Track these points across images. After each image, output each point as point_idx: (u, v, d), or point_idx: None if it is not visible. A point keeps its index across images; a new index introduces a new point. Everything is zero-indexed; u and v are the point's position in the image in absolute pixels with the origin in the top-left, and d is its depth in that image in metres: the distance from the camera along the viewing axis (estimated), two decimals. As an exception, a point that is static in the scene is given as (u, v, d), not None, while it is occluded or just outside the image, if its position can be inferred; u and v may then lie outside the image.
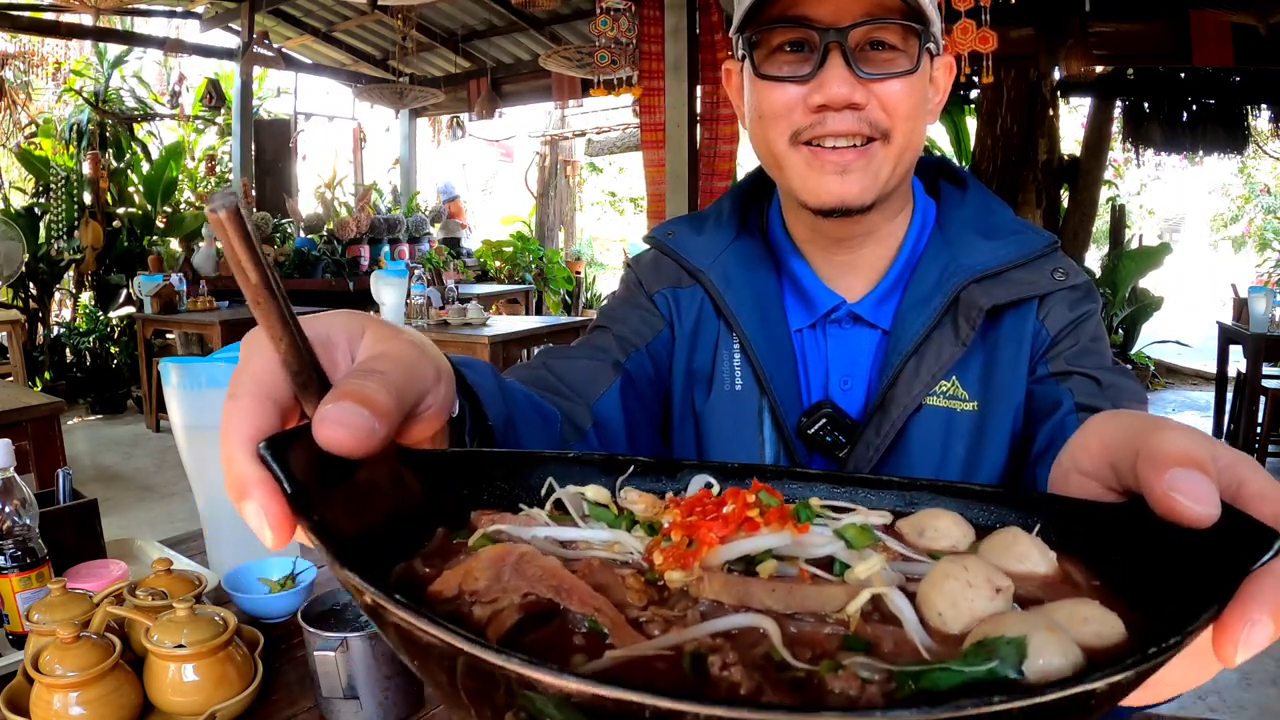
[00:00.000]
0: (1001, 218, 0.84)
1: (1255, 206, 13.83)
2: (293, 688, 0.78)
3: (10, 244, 5.86)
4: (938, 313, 0.79)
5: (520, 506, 0.39)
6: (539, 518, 0.37)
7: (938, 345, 0.79)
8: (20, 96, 8.20)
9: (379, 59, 7.91)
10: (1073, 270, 0.81)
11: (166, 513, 3.90)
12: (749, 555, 0.32)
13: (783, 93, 0.73)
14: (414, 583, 0.32)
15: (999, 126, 6.15)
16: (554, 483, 0.40)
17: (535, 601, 0.29)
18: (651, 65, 4.40)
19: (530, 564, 0.31)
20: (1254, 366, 4.39)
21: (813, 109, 0.72)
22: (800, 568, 0.32)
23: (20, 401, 2.31)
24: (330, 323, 0.39)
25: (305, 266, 6.44)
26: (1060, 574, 0.33)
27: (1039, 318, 0.80)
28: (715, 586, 0.30)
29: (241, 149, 6.91)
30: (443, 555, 0.34)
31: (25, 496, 0.87)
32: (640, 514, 0.37)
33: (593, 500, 0.38)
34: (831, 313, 0.84)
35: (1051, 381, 0.79)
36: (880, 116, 0.72)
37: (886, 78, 0.71)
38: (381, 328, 0.40)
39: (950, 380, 0.80)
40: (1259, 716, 2.24)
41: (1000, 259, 0.79)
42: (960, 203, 0.85)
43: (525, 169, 10.86)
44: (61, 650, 0.67)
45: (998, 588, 0.29)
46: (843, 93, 0.70)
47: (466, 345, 3.61)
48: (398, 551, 0.34)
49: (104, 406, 6.03)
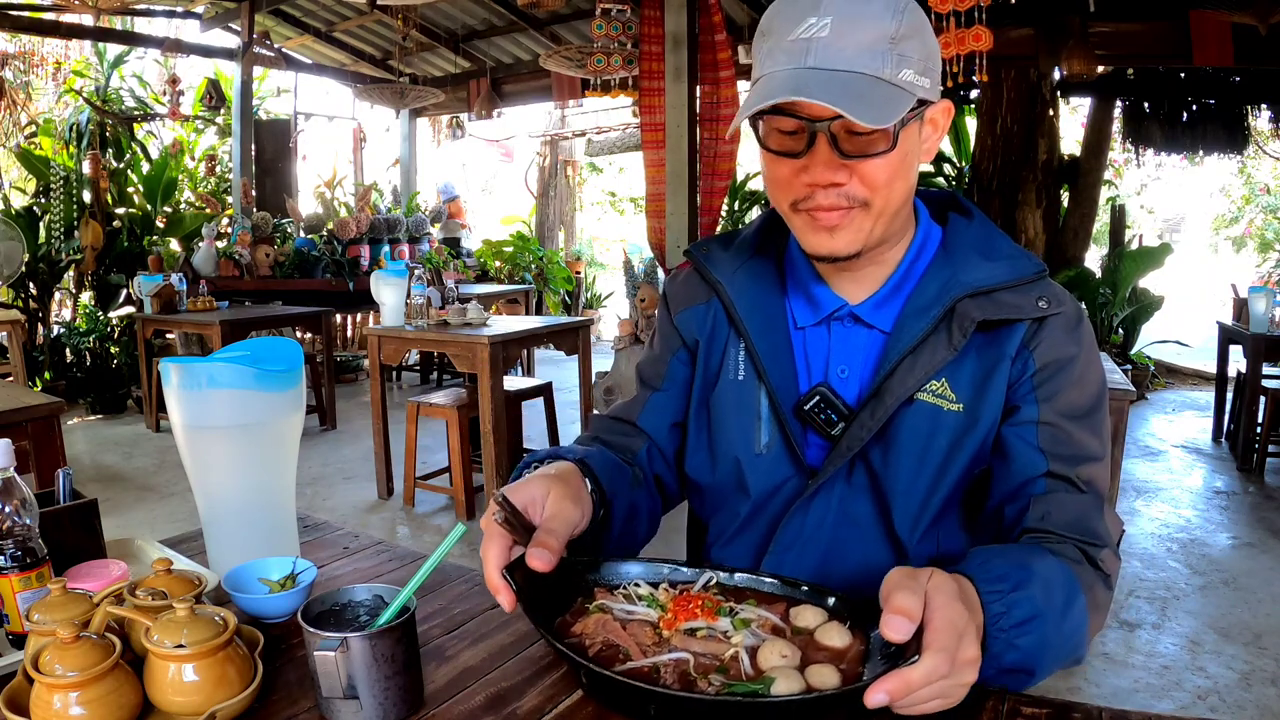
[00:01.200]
0: (1001, 244, 0.95)
1: (1255, 207, 13.82)
2: (293, 688, 0.79)
3: (10, 244, 5.86)
4: (936, 319, 0.90)
5: (620, 585, 0.77)
6: (619, 598, 0.74)
7: (932, 348, 0.90)
8: (20, 96, 8.19)
9: (379, 59, 7.91)
10: (1058, 300, 0.91)
11: (166, 513, 3.90)
12: (693, 626, 0.70)
13: (782, 166, 0.87)
14: (564, 628, 0.70)
15: (999, 126, 6.15)
16: (630, 579, 0.78)
17: (607, 642, 0.68)
18: (651, 65, 4.39)
19: (608, 625, 0.69)
20: (1254, 366, 4.39)
21: (804, 184, 0.86)
22: (715, 633, 0.68)
23: (20, 401, 2.31)
24: (530, 493, 0.80)
25: (305, 266, 6.44)
26: (852, 645, 0.67)
27: (1029, 346, 0.90)
28: (677, 639, 0.68)
29: (241, 149, 6.90)
30: (577, 614, 0.72)
31: (25, 496, 0.87)
32: (660, 599, 0.73)
33: (645, 592, 0.76)
34: (835, 312, 0.97)
35: (1031, 429, 0.89)
36: (859, 190, 0.85)
37: (864, 158, 0.83)
38: (557, 492, 0.80)
39: (941, 381, 0.91)
40: (1259, 716, 2.24)
41: (993, 279, 0.90)
42: (965, 228, 0.97)
43: (525, 169, 10.87)
44: (61, 650, 0.67)
45: (784, 654, 0.64)
46: (825, 175, 0.84)
47: (466, 345, 3.61)
48: (560, 609, 0.73)
49: (104, 406, 6.03)
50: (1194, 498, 4.13)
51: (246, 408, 0.97)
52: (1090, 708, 0.73)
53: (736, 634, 0.66)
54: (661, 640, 0.66)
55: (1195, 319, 9.22)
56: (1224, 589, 3.06)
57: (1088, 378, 0.91)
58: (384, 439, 4.04)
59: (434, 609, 0.96)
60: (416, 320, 3.89)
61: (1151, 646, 2.62)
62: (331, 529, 1.25)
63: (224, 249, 6.33)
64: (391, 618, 0.73)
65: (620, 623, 0.68)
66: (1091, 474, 0.89)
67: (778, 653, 0.63)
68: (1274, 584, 3.09)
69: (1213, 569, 3.23)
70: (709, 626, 0.67)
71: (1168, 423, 5.75)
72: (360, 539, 1.20)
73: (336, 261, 6.53)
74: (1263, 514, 3.88)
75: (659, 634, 0.67)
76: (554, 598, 0.71)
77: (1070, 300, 0.92)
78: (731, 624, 0.67)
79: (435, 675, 0.81)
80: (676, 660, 0.63)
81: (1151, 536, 3.59)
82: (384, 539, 1.21)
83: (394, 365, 6.41)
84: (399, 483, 4.08)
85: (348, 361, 7.42)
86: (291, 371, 1.00)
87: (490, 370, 3.52)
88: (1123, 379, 2.61)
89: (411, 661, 0.74)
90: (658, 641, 0.66)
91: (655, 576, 0.77)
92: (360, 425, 5.54)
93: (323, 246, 6.64)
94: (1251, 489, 4.25)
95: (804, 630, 0.68)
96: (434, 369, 7.32)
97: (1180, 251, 9.08)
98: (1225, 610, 2.88)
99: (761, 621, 0.69)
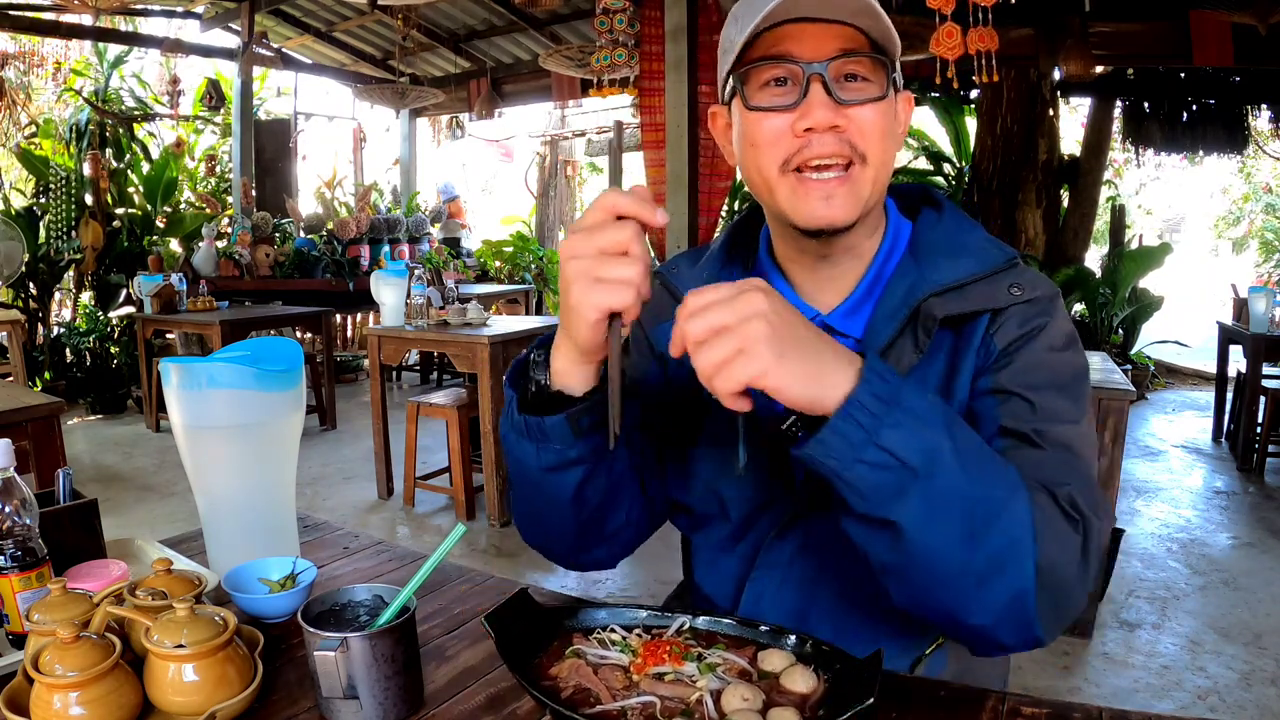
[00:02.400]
0: (971, 237, 0.90)
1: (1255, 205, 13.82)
2: (293, 688, 0.79)
3: (10, 244, 5.86)
4: (902, 322, 0.86)
5: (596, 629, 0.78)
6: (594, 643, 0.75)
7: (898, 353, 0.86)
8: (20, 96, 8.20)
9: (379, 59, 7.91)
10: (1031, 285, 0.86)
11: (166, 513, 3.90)
12: (660, 671, 0.71)
13: (772, 121, 0.83)
14: (542, 669, 0.72)
15: (999, 126, 6.15)
16: (605, 626, 0.78)
17: (579, 685, 0.69)
18: (651, 64, 4.39)
19: (580, 670, 0.70)
20: (1254, 366, 4.39)
21: (799, 134, 0.81)
22: (682, 677, 0.70)
23: (20, 401, 2.31)
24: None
25: (305, 266, 6.44)
26: (816, 689, 0.68)
27: (990, 332, 0.85)
28: (646, 683, 0.69)
29: (241, 149, 6.90)
30: (554, 656, 0.74)
31: (25, 496, 0.87)
32: (632, 644, 0.75)
33: (618, 637, 0.76)
34: None
35: (990, 400, 0.84)
36: (858, 139, 0.82)
37: (862, 103, 0.81)
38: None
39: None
40: (1259, 716, 2.24)
41: (960, 273, 0.86)
42: (933, 225, 0.92)
43: (525, 169, 10.86)
44: (61, 650, 0.67)
45: (745, 697, 0.66)
46: (827, 116, 0.80)
47: (466, 345, 3.61)
48: (536, 653, 0.74)
49: (104, 406, 6.03)
50: (1194, 498, 4.13)
51: (246, 408, 0.97)
52: (1090, 708, 0.73)
53: (702, 678, 0.68)
54: (631, 684, 0.68)
55: (1195, 319, 9.23)
56: (1224, 589, 3.06)
57: (1055, 352, 0.84)
58: (384, 439, 4.04)
59: (434, 609, 0.96)
60: (416, 320, 3.88)
61: (1151, 646, 2.62)
62: (331, 529, 1.25)
63: (224, 249, 6.33)
64: (391, 618, 0.73)
65: (593, 667, 0.70)
66: (1057, 434, 0.80)
67: (740, 696, 0.65)
68: (1274, 584, 3.09)
69: (1213, 569, 3.23)
70: (676, 671, 0.70)
71: (1168, 423, 5.75)
72: (360, 539, 1.20)
73: (336, 261, 6.53)
74: (1263, 514, 3.88)
75: (629, 678, 0.69)
76: (533, 643, 0.74)
77: (1045, 284, 0.87)
78: (698, 668, 0.70)
79: (435, 675, 0.81)
80: (644, 704, 0.66)
81: (1151, 536, 3.59)
82: (384, 539, 1.21)
83: (394, 365, 6.41)
84: (399, 483, 4.08)
85: (348, 361, 7.42)
86: (291, 371, 1.00)
87: (490, 370, 3.52)
88: (1123, 379, 2.60)
89: (411, 661, 0.74)
90: (627, 685, 0.68)
91: (630, 621, 0.78)
92: (360, 425, 5.54)
93: (323, 246, 6.64)
94: (1251, 489, 4.25)
95: (770, 674, 0.70)
96: (434, 369, 7.32)
97: (1180, 251, 9.09)
98: (1225, 610, 2.88)
99: (728, 666, 0.71)
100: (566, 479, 0.84)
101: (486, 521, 3.73)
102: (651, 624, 0.78)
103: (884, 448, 0.66)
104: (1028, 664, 2.42)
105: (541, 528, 0.94)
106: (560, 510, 0.88)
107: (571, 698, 0.67)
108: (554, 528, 0.92)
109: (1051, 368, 0.83)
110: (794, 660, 0.71)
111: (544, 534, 0.95)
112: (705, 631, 0.77)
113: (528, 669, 0.70)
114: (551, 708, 0.63)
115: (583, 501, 0.87)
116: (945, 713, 0.72)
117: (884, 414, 0.66)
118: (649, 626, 0.78)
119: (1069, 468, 0.77)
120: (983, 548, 0.68)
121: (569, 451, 0.81)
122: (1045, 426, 0.79)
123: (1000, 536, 0.69)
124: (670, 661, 0.70)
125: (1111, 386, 2.49)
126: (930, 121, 7.22)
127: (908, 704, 0.73)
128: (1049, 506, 0.72)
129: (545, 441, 0.81)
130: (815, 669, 0.69)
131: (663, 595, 1.23)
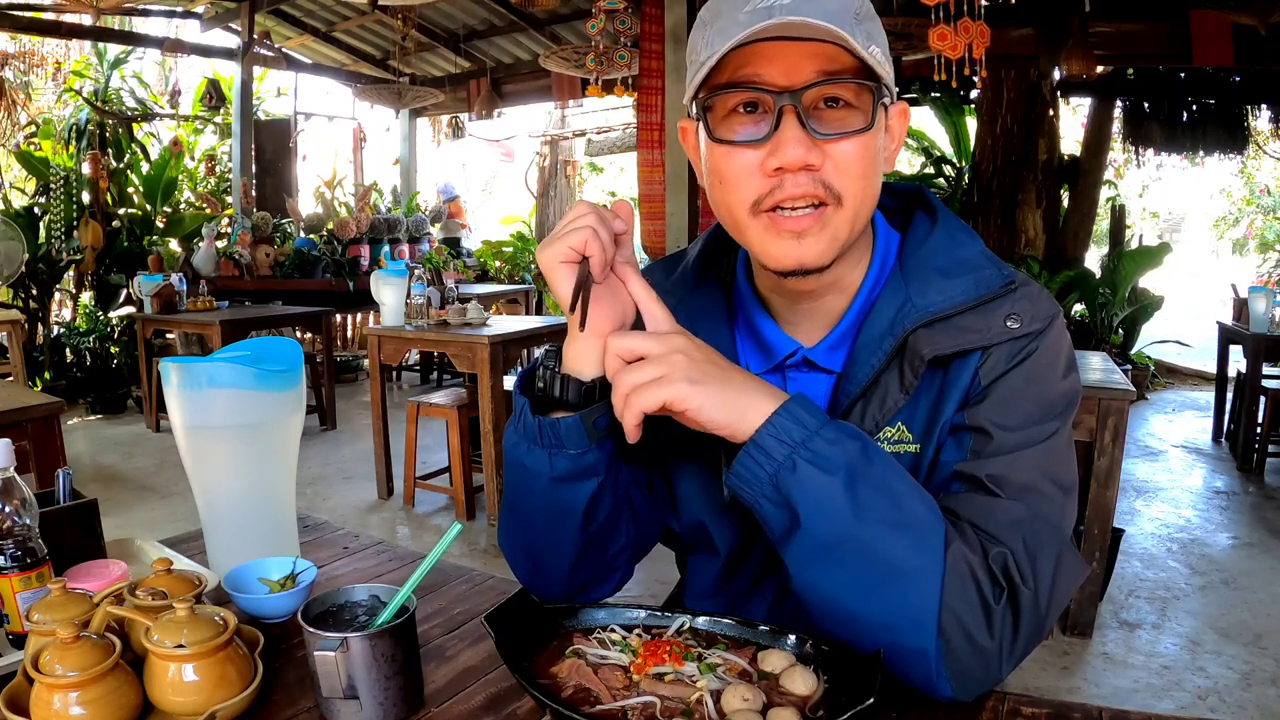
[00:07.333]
0: (966, 252, 0.81)
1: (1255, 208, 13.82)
2: (293, 688, 0.79)
3: (10, 244, 5.86)
4: (887, 355, 0.79)
5: (596, 629, 0.77)
6: (593, 643, 0.75)
7: (883, 390, 0.80)
8: (20, 96, 8.19)
9: (379, 59, 7.91)
10: (1030, 315, 0.78)
11: (166, 513, 3.90)
12: (661, 671, 0.70)
13: (740, 158, 0.74)
14: (541, 669, 0.71)
15: (999, 126, 6.15)
16: (605, 626, 0.78)
17: (579, 685, 0.69)
18: (650, 64, 4.39)
19: (580, 670, 0.70)
20: (1254, 366, 4.39)
21: (769, 173, 0.73)
22: (682, 678, 0.69)
23: (20, 401, 2.31)
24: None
25: (305, 266, 6.44)
26: (816, 690, 0.68)
27: (979, 367, 0.78)
28: (646, 683, 0.69)
29: (241, 149, 6.91)
30: (554, 655, 0.73)
31: (25, 496, 0.87)
32: (632, 643, 0.74)
33: (618, 637, 0.76)
34: (789, 358, 0.86)
35: (958, 437, 0.79)
36: (834, 178, 0.73)
37: (841, 137, 0.72)
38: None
39: (896, 426, 0.81)
40: (1259, 716, 2.24)
41: (952, 300, 0.78)
42: (926, 237, 0.83)
43: (525, 169, 10.86)
44: (61, 650, 0.67)
45: (745, 698, 0.65)
46: (798, 154, 0.71)
47: (466, 345, 3.61)
48: (536, 652, 0.74)
49: (104, 406, 6.03)
50: (1194, 498, 4.13)
51: (246, 408, 0.97)
52: (1090, 708, 0.73)
53: (702, 678, 0.68)
54: (631, 684, 0.68)
55: (1195, 319, 9.23)
56: (1224, 589, 3.06)
57: (1035, 381, 0.78)
58: (384, 439, 4.05)
59: (434, 609, 0.96)
60: (416, 320, 3.89)
61: (1151, 646, 2.62)
62: (331, 529, 1.25)
63: (224, 249, 6.33)
64: (391, 618, 0.73)
65: (593, 667, 0.70)
66: (1019, 479, 0.74)
67: (740, 696, 0.65)
68: (1274, 584, 3.09)
69: (1213, 569, 3.23)
70: (676, 671, 0.69)
71: (1168, 423, 5.75)
72: (360, 539, 1.20)
73: (336, 261, 6.53)
74: (1263, 514, 3.88)
75: (629, 678, 0.69)
76: (533, 643, 0.74)
77: (1045, 306, 0.79)
78: (698, 669, 0.69)
79: (435, 675, 0.81)
80: (644, 704, 0.66)
81: (1151, 536, 3.59)
82: (384, 539, 1.21)
83: (394, 365, 6.42)
84: (399, 483, 4.08)
85: (348, 361, 7.42)
86: (291, 371, 1.00)
87: (490, 370, 3.52)
88: (1123, 379, 2.60)
89: (411, 661, 0.74)
90: (628, 685, 0.68)
91: (630, 621, 0.78)
92: (360, 425, 5.54)
93: (323, 246, 6.64)
94: (1251, 489, 4.25)
95: (770, 674, 0.70)
96: (434, 369, 7.32)
97: (1180, 252, 9.09)
98: (1225, 610, 2.88)
99: (728, 666, 0.71)
100: (579, 491, 0.81)
101: (486, 521, 3.74)
102: (651, 624, 0.78)
103: (779, 488, 0.69)
104: (1028, 664, 2.41)
105: (536, 550, 0.88)
106: (568, 526, 0.83)
107: (571, 698, 0.67)
108: (554, 549, 0.86)
109: (1031, 398, 0.77)
110: (794, 660, 0.71)
111: (538, 557, 0.89)
112: (705, 632, 0.77)
113: (527, 669, 0.70)
114: (551, 708, 0.63)
115: (593, 516, 0.83)
116: (945, 713, 0.72)
117: (785, 456, 0.68)
118: (649, 626, 0.78)
119: (1017, 525, 0.73)
120: (877, 600, 0.69)
121: (584, 457, 0.78)
122: (1005, 471, 0.75)
123: (896, 596, 0.68)
124: (670, 661, 0.70)
125: (1111, 386, 2.48)
126: (930, 121, 7.23)
127: (908, 704, 0.73)
128: (969, 574, 0.69)
129: (559, 447, 0.78)
130: (815, 669, 0.69)
131: (663, 595, 1.23)
